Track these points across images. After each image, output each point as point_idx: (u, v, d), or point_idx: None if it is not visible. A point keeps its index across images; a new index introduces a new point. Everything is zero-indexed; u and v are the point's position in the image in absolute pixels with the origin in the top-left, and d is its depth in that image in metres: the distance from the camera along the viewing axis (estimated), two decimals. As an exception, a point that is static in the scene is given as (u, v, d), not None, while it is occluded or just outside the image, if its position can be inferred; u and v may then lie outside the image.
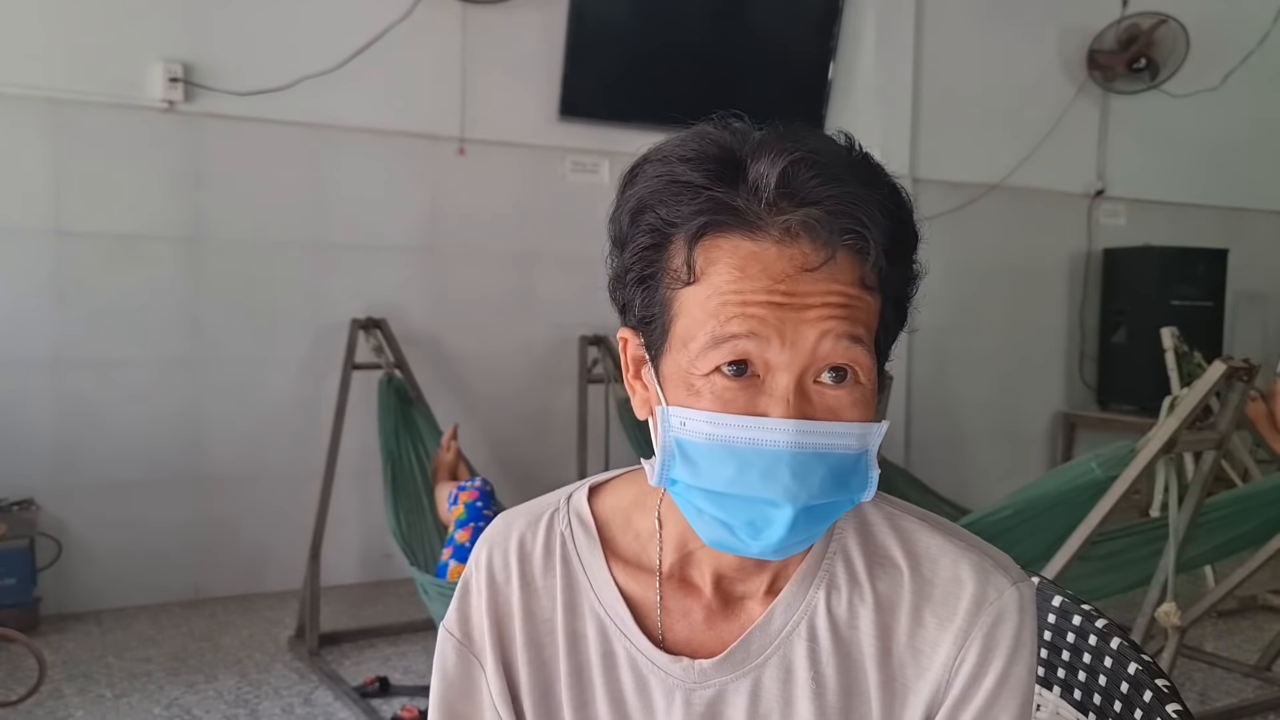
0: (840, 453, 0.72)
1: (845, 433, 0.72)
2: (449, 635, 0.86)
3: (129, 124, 3.61)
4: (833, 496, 0.73)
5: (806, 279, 0.70)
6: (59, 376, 3.57)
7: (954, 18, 4.98)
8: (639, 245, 0.75)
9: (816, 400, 0.72)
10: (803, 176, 0.70)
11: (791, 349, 0.70)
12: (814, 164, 0.71)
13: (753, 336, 0.70)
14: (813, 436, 0.71)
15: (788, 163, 0.70)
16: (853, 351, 0.71)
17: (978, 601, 0.78)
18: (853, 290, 0.71)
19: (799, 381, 0.71)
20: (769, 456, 0.71)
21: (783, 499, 0.71)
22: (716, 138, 0.74)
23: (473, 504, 2.84)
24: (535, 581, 0.85)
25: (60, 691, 2.95)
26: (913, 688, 0.79)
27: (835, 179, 0.71)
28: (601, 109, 4.29)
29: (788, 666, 0.80)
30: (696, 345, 0.71)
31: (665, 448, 0.75)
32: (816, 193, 0.70)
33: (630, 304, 0.77)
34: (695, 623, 0.82)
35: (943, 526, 0.83)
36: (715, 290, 0.71)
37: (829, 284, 0.70)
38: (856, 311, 0.71)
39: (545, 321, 4.30)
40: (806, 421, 0.71)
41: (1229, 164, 5.79)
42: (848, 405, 0.72)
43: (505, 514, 0.89)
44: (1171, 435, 2.54)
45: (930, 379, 4.98)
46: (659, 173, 0.74)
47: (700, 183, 0.72)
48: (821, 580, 0.81)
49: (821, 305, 0.70)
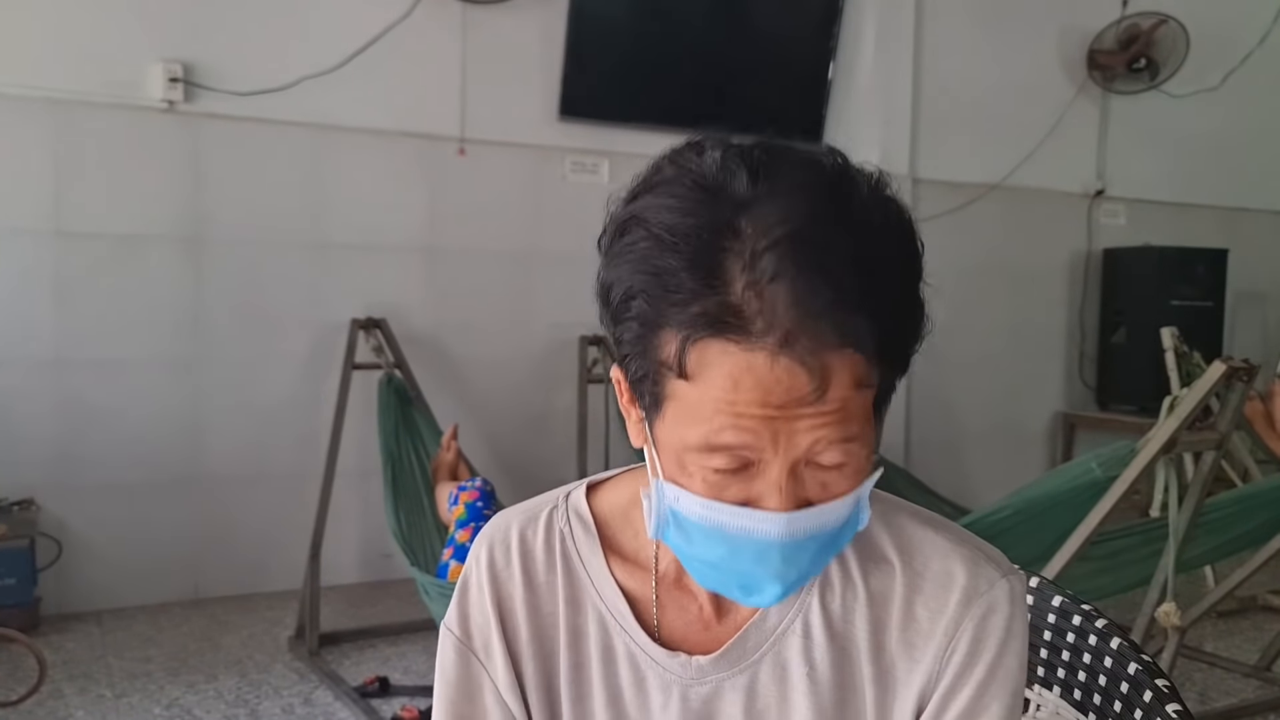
0: (834, 528, 0.73)
1: (838, 509, 0.72)
2: (449, 633, 0.87)
3: (129, 124, 3.61)
4: (824, 559, 0.76)
5: (801, 404, 0.67)
6: (59, 376, 3.57)
7: (954, 18, 4.98)
8: (629, 329, 0.70)
9: (809, 479, 0.71)
10: (797, 282, 0.65)
11: (785, 451, 0.69)
12: (809, 261, 0.65)
13: (746, 446, 0.69)
14: (804, 524, 0.71)
15: (769, 257, 0.65)
16: (848, 448, 0.70)
17: (968, 594, 0.79)
18: (849, 393, 0.68)
19: (794, 471, 0.70)
20: (761, 544, 0.71)
21: (771, 580, 0.73)
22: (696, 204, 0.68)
23: (473, 504, 2.84)
24: (538, 577, 0.85)
25: (60, 691, 2.95)
26: (905, 680, 0.79)
27: (823, 272, 0.65)
28: (601, 109, 4.29)
29: (783, 663, 0.81)
30: (691, 440, 0.69)
31: (660, 514, 0.75)
32: (810, 302, 0.65)
33: (622, 355, 0.73)
34: (691, 619, 0.83)
35: (933, 521, 0.84)
36: (708, 394, 0.68)
37: (824, 400, 0.67)
38: (850, 414, 0.69)
39: (545, 321, 4.30)
40: (798, 513, 0.70)
41: (1229, 164, 5.78)
42: (840, 480, 0.72)
43: (503, 513, 0.90)
44: (1171, 435, 2.54)
45: (930, 379, 4.98)
46: (645, 252, 0.69)
47: (688, 284, 0.66)
48: (815, 579, 0.81)
49: (814, 416, 0.68)
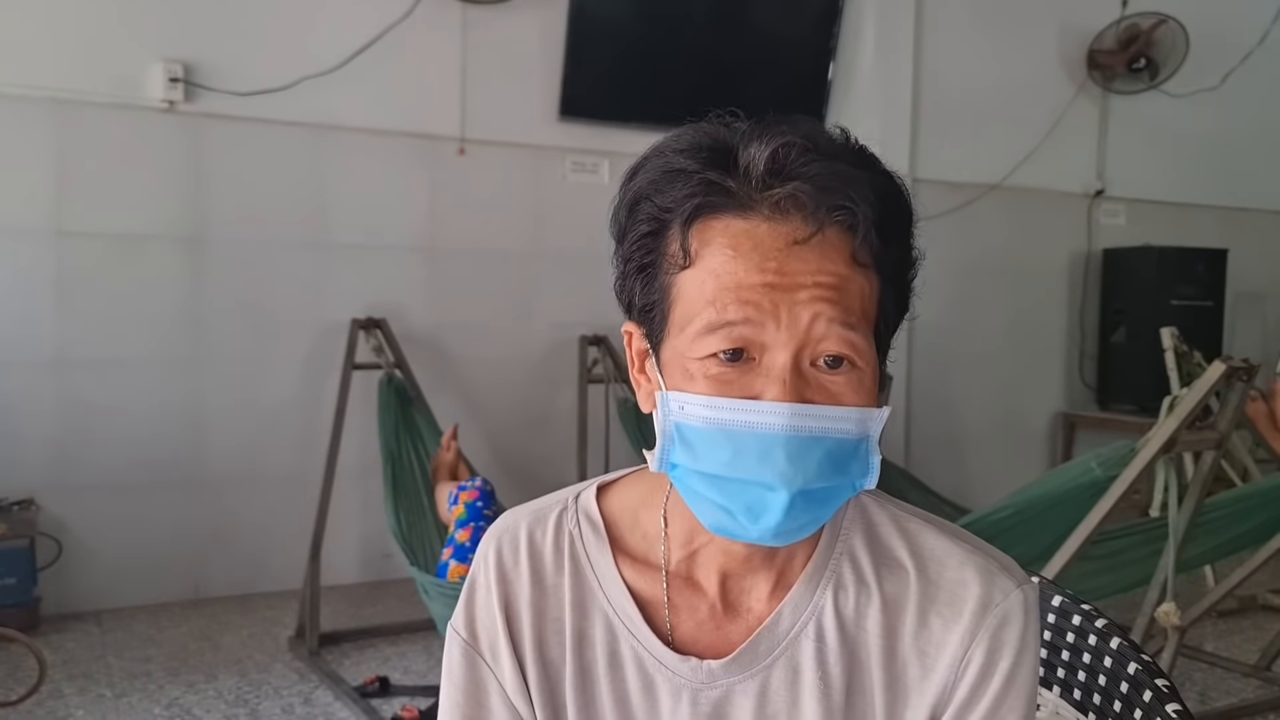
0: (838, 437, 0.72)
1: (843, 417, 0.72)
2: (455, 635, 0.86)
3: (129, 124, 3.61)
4: (830, 481, 0.72)
5: (797, 256, 0.70)
6: (59, 376, 3.57)
7: (954, 17, 4.98)
8: (638, 234, 0.76)
9: (814, 383, 0.72)
10: (792, 155, 0.72)
11: (787, 330, 0.70)
12: (803, 145, 0.72)
13: (748, 322, 0.70)
14: (809, 420, 0.70)
15: (778, 144, 0.72)
16: (847, 336, 0.71)
17: (984, 603, 0.78)
18: (844, 269, 0.71)
19: (795, 362, 0.71)
20: (764, 440, 0.70)
21: (778, 482, 0.70)
22: (709, 130, 0.76)
23: (473, 504, 2.84)
24: (546, 579, 0.84)
25: (60, 691, 2.95)
26: (917, 688, 0.79)
27: (824, 157, 0.72)
28: (601, 109, 4.30)
29: (795, 667, 0.80)
30: (693, 330, 0.72)
31: (665, 432, 0.75)
32: (805, 170, 0.71)
33: (632, 296, 0.78)
34: (702, 622, 0.82)
35: (948, 529, 0.83)
36: (710, 273, 0.72)
37: (820, 262, 0.71)
38: (848, 295, 0.71)
39: (545, 321, 4.30)
40: (803, 405, 0.70)
41: (1229, 164, 5.78)
42: (846, 389, 0.72)
43: (511, 512, 0.88)
44: (1171, 435, 2.54)
45: (930, 379, 4.98)
46: (655, 165, 0.76)
47: (693, 169, 0.73)
48: (829, 580, 0.81)
49: (813, 285, 0.70)
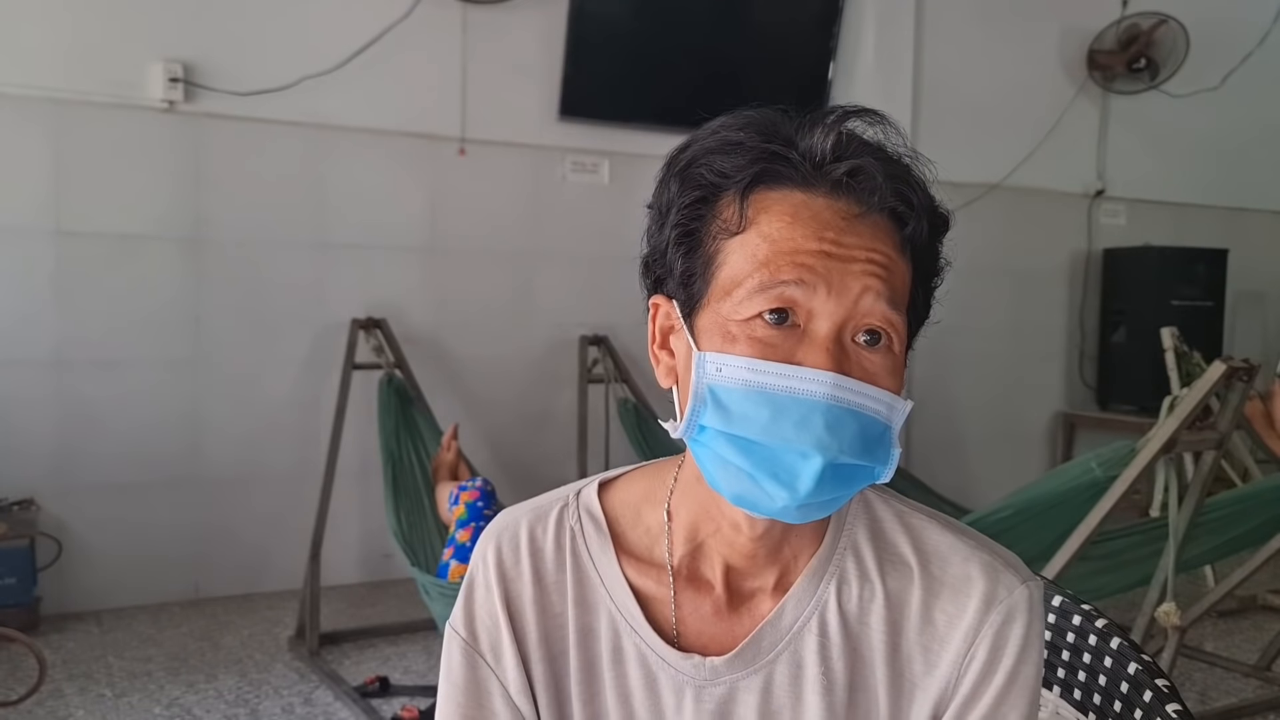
0: (870, 415, 0.72)
1: (877, 397, 0.73)
2: (454, 635, 0.85)
3: (129, 124, 3.61)
4: (859, 459, 0.72)
5: (853, 231, 0.72)
6: (59, 376, 3.57)
7: (954, 17, 4.98)
8: (688, 199, 0.76)
9: (853, 358, 0.73)
10: (854, 142, 0.75)
11: (836, 299, 0.71)
12: (861, 134, 0.76)
13: (800, 284, 0.71)
14: (848, 392, 0.71)
15: (841, 130, 0.75)
16: (890, 315, 0.73)
17: (987, 600, 0.78)
18: (893, 253, 0.74)
19: (838, 333, 0.72)
20: (805, 405, 0.70)
21: (814, 449, 0.70)
22: (768, 114, 0.78)
23: (473, 504, 2.84)
24: (547, 577, 0.84)
25: (61, 691, 2.95)
26: (920, 684, 0.79)
27: (881, 149, 0.76)
28: (601, 109, 4.29)
29: (798, 662, 0.80)
30: (741, 291, 0.72)
31: (697, 394, 0.74)
32: (863, 154, 0.74)
33: (670, 267, 0.77)
34: (705, 618, 0.82)
35: (952, 525, 0.83)
36: (765, 238, 0.73)
37: (874, 240, 0.73)
38: (895, 275, 0.74)
39: (545, 321, 4.30)
40: (844, 377, 0.71)
41: (1229, 164, 5.78)
42: (882, 370, 0.74)
43: (510, 510, 0.88)
44: (1171, 435, 2.54)
45: (930, 379, 4.98)
46: (710, 140, 0.77)
47: (754, 142, 0.75)
48: (832, 575, 0.81)
49: (866, 260, 0.72)
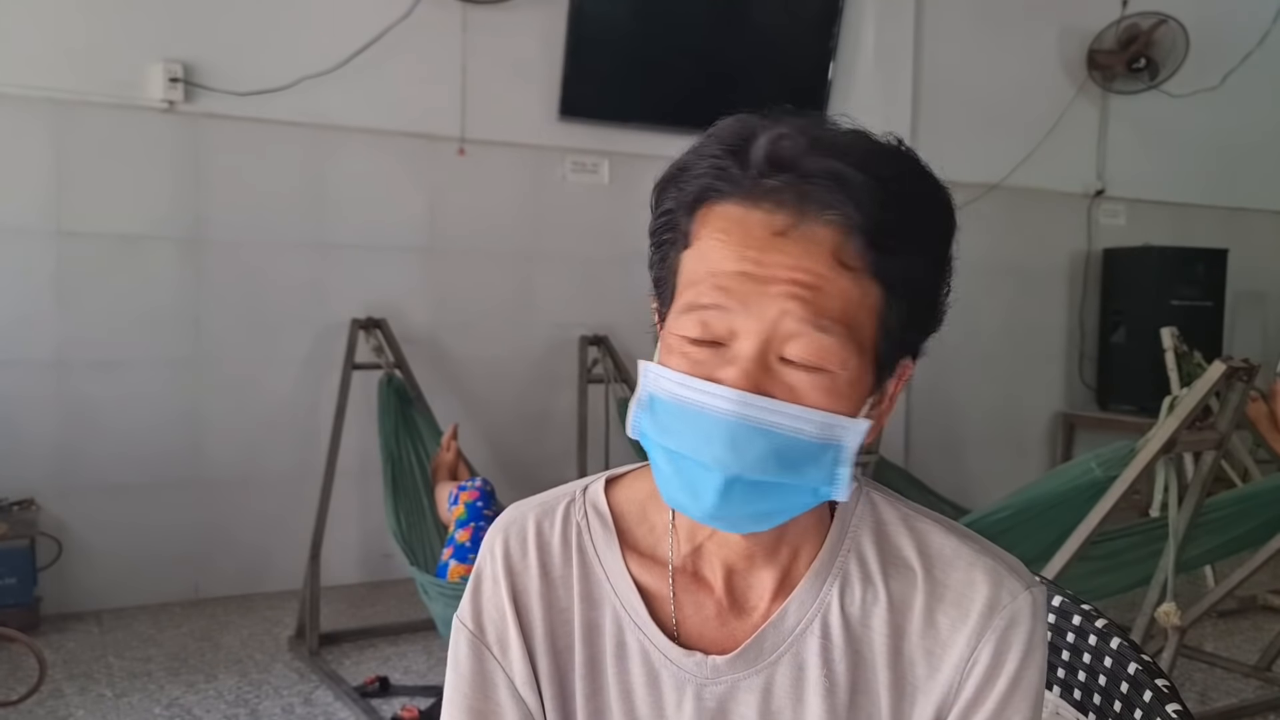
0: (787, 434, 0.71)
1: (797, 416, 0.71)
2: (462, 626, 0.86)
3: (129, 124, 3.61)
4: (776, 477, 0.71)
5: (777, 248, 0.70)
6: (60, 377, 3.57)
7: (954, 18, 4.98)
8: (661, 210, 0.78)
9: (779, 377, 0.71)
10: (789, 146, 0.72)
11: (755, 320, 0.71)
12: (810, 139, 0.72)
13: (718, 309, 0.72)
14: (758, 411, 0.70)
15: (779, 133, 0.72)
16: (819, 341, 0.70)
17: (991, 605, 0.78)
18: (825, 270, 0.70)
19: (761, 353, 0.71)
20: (710, 421, 0.71)
21: (713, 464, 0.71)
22: (745, 119, 0.77)
23: (473, 504, 2.84)
24: (554, 571, 0.85)
25: (61, 691, 2.95)
26: (923, 688, 0.79)
27: (828, 154, 0.71)
28: (601, 109, 4.29)
29: (800, 664, 0.80)
30: (677, 308, 0.75)
31: (639, 399, 0.77)
32: (802, 164, 0.71)
33: (651, 267, 0.81)
34: (708, 617, 0.82)
35: (956, 529, 0.83)
36: (700, 255, 0.74)
37: (799, 258, 0.70)
38: (826, 295, 0.70)
39: (545, 322, 4.30)
40: (755, 395, 0.70)
41: (1229, 164, 5.78)
42: (810, 389, 0.71)
43: (517, 504, 0.89)
44: (1171, 435, 2.54)
45: (930, 379, 4.98)
46: (691, 150, 0.78)
47: (711, 153, 0.75)
48: (835, 578, 0.81)
49: (787, 280, 0.70)
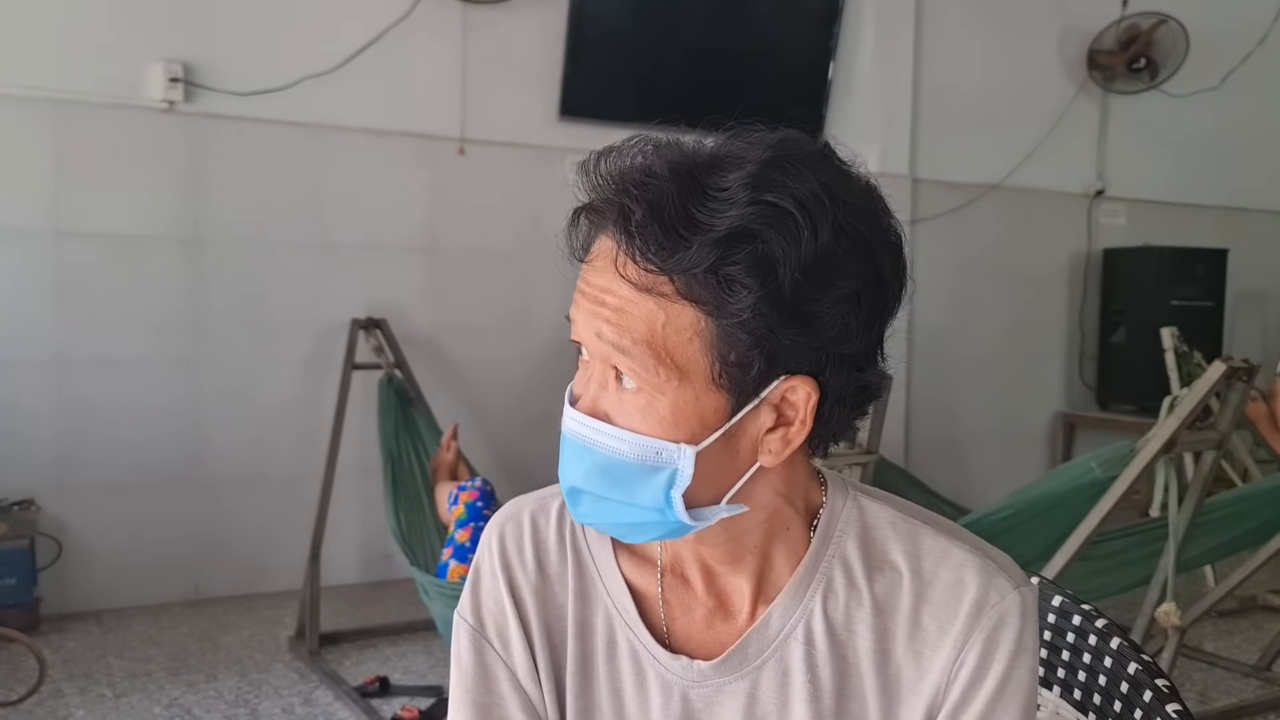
0: (607, 454, 0.74)
1: (612, 435, 0.73)
2: (463, 621, 0.87)
3: (129, 124, 3.61)
4: (604, 491, 0.75)
5: (597, 270, 0.74)
6: (59, 377, 3.57)
7: (954, 18, 4.98)
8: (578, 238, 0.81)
9: (613, 398, 0.75)
10: (606, 166, 0.74)
11: (586, 340, 0.75)
12: (643, 155, 0.74)
13: (571, 325, 0.76)
14: (581, 429, 0.75)
15: (597, 153, 0.75)
16: (618, 358, 0.72)
17: (979, 605, 0.78)
18: (626, 292, 0.71)
19: (602, 375, 0.75)
20: (562, 435, 0.77)
21: (561, 474, 0.78)
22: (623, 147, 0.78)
23: (473, 504, 2.84)
24: (550, 567, 0.86)
25: (61, 691, 2.95)
26: (912, 689, 0.79)
27: (622, 174, 0.73)
28: (601, 109, 4.29)
29: (784, 669, 0.80)
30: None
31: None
32: (616, 179, 0.73)
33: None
34: (695, 621, 0.83)
35: (947, 529, 0.83)
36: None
37: (606, 280, 0.73)
38: (629, 317, 0.71)
39: (545, 322, 4.29)
40: (583, 415, 0.75)
41: (1229, 164, 5.78)
42: (630, 410, 0.74)
43: (515, 500, 0.90)
44: (1171, 435, 2.54)
45: (930, 379, 4.98)
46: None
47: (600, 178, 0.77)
48: (819, 584, 0.81)
49: (595, 301, 0.74)
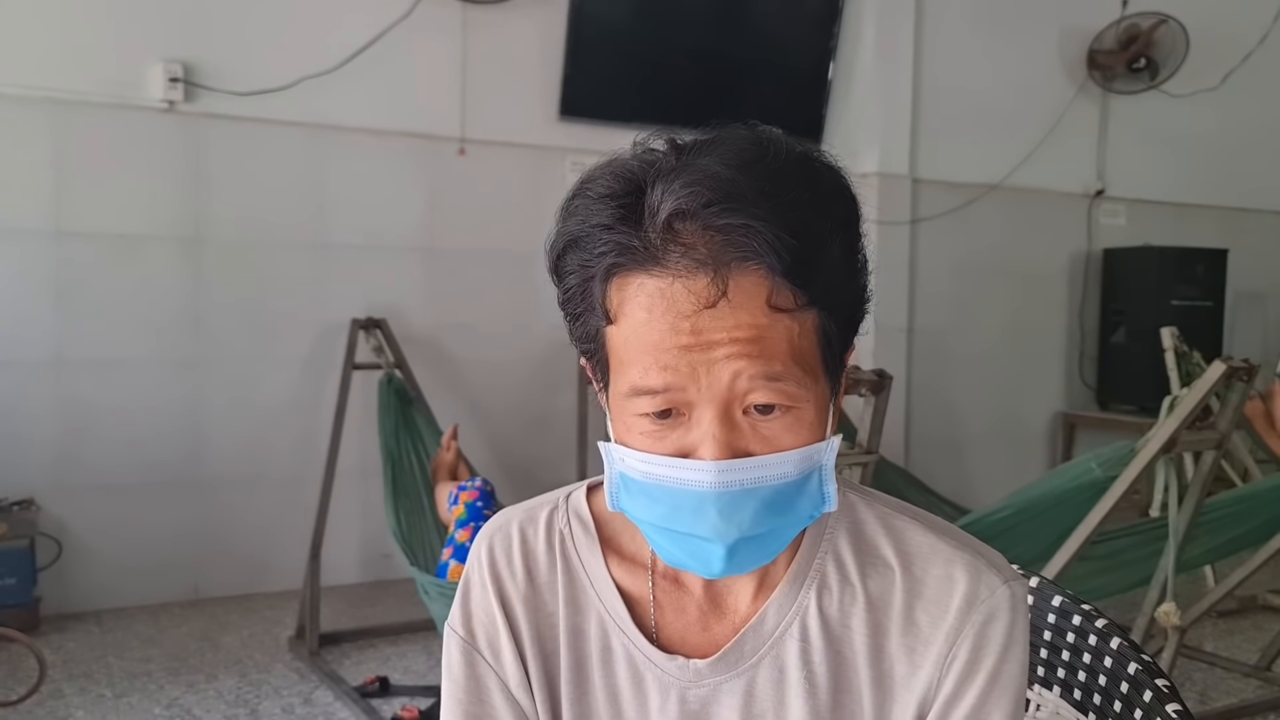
0: (773, 485, 0.72)
1: (779, 463, 0.71)
2: (453, 634, 0.87)
3: (129, 124, 3.61)
4: (770, 525, 0.73)
5: (710, 315, 0.68)
6: (59, 377, 3.57)
7: (954, 18, 4.98)
8: (568, 285, 0.76)
9: (749, 430, 0.71)
10: (690, 203, 0.68)
11: (709, 390, 0.70)
12: (709, 194, 0.68)
13: (669, 389, 0.70)
14: (738, 474, 0.70)
15: (681, 195, 0.69)
16: (775, 389, 0.70)
17: (969, 600, 0.78)
18: (762, 319, 0.69)
19: (725, 414, 0.71)
20: (695, 496, 0.71)
21: (713, 536, 0.72)
22: (628, 168, 0.73)
23: (473, 504, 2.84)
24: (540, 577, 0.86)
25: (61, 691, 2.95)
26: (905, 685, 0.79)
27: (729, 204, 0.68)
28: (601, 109, 4.29)
29: (780, 667, 0.81)
30: (621, 390, 0.73)
31: (610, 479, 0.77)
32: (713, 221, 0.68)
33: (573, 334, 0.78)
34: (689, 621, 0.83)
35: (935, 525, 0.83)
36: (630, 333, 0.71)
37: (735, 316, 0.69)
38: (770, 344, 0.69)
39: (545, 322, 4.29)
40: (731, 461, 0.70)
41: (1229, 164, 5.78)
42: (782, 432, 0.72)
43: (502, 512, 0.90)
44: (1171, 435, 2.54)
45: (930, 379, 4.98)
46: (580, 210, 0.74)
47: (606, 222, 0.72)
48: (813, 581, 0.81)
49: (729, 342, 0.69)
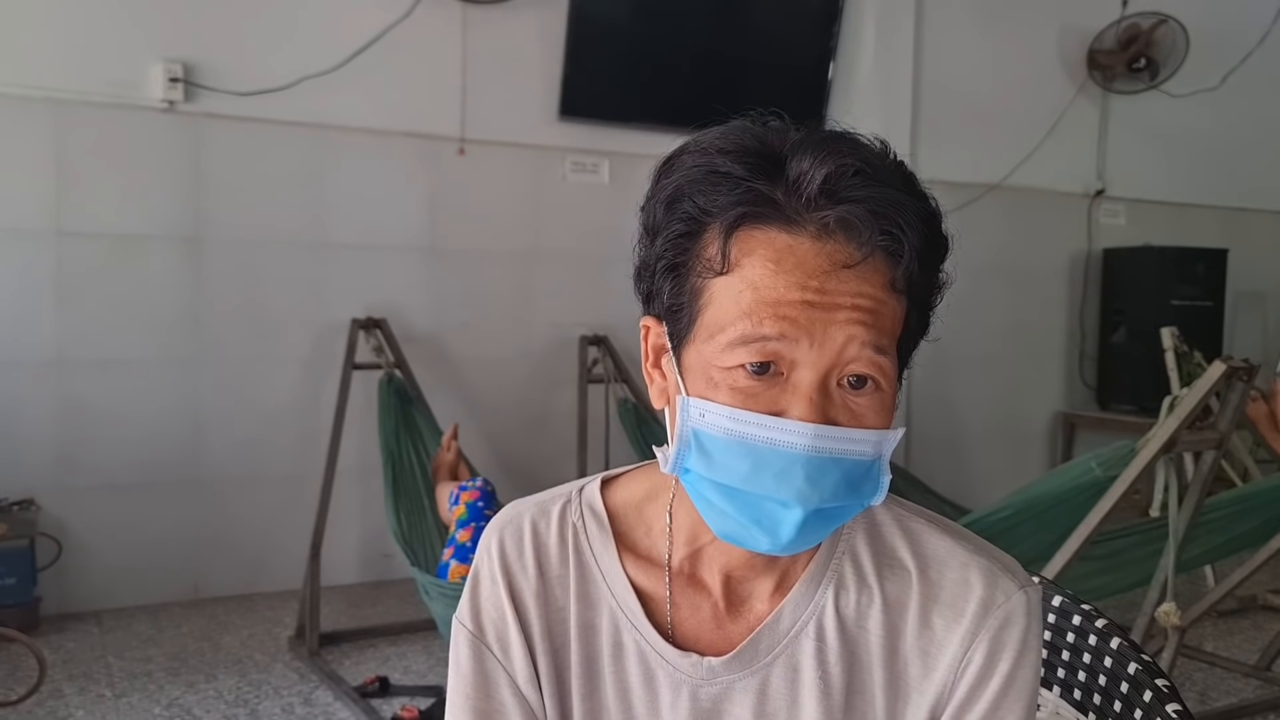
0: (855, 459, 0.72)
1: (863, 439, 0.72)
2: (461, 627, 0.86)
3: (129, 124, 3.61)
4: (843, 501, 0.73)
5: (838, 278, 0.70)
6: (59, 377, 3.57)
7: (954, 17, 4.98)
8: (673, 233, 0.74)
9: (839, 402, 0.72)
10: (846, 176, 0.71)
11: (819, 349, 0.70)
12: (856, 165, 0.71)
13: (782, 338, 0.70)
14: (830, 441, 0.71)
15: (834, 165, 0.71)
16: (877, 361, 0.71)
17: (985, 604, 0.78)
18: (882, 294, 0.71)
19: (823, 381, 0.71)
20: (785, 458, 0.70)
21: (794, 500, 0.71)
22: (757, 133, 0.75)
23: (474, 504, 2.84)
24: (551, 571, 0.85)
25: (60, 691, 2.95)
26: (918, 688, 0.79)
27: (876, 181, 0.71)
28: (601, 109, 4.29)
29: (795, 666, 0.80)
30: (724, 339, 0.71)
31: (682, 437, 0.74)
32: (858, 193, 0.70)
33: (658, 292, 0.76)
34: (704, 619, 0.83)
35: (951, 529, 0.83)
36: (749, 284, 0.71)
37: (860, 285, 0.70)
38: (883, 318, 0.71)
39: (545, 321, 4.30)
40: (826, 426, 0.70)
41: (1229, 164, 5.78)
42: (869, 410, 0.72)
43: (514, 504, 0.89)
44: (1171, 435, 2.54)
45: (930, 379, 4.98)
46: (697, 163, 0.74)
47: (740, 174, 0.72)
48: (830, 580, 0.81)
49: (851, 307, 0.70)
